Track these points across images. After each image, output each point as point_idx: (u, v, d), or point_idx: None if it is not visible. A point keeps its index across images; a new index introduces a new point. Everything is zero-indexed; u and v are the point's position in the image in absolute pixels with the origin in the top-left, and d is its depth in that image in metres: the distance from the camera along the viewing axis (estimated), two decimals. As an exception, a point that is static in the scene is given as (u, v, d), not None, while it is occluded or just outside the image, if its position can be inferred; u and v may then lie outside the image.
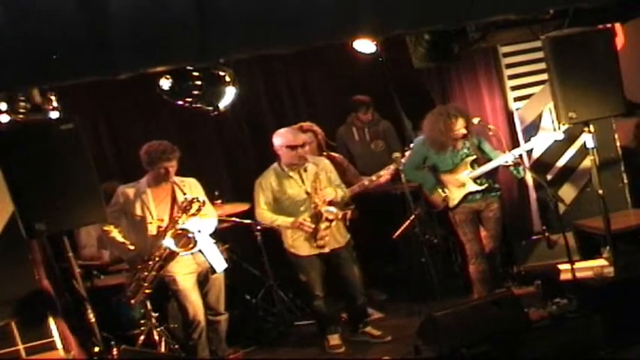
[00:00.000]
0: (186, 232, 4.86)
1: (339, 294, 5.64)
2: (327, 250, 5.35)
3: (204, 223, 5.02)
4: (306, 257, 5.36)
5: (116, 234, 4.95)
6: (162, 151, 4.89)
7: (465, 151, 5.46)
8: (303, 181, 5.32)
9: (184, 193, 4.92)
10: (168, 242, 4.82)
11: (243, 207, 5.86)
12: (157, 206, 4.98)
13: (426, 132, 5.49)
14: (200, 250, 4.99)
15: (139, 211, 4.96)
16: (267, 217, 5.37)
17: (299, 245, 5.35)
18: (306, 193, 5.30)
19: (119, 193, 5.02)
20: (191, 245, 4.88)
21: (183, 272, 5.01)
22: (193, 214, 4.87)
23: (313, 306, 5.49)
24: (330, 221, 5.27)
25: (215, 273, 5.11)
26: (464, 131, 5.35)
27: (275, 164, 5.39)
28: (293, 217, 5.29)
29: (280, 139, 5.29)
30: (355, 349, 5.42)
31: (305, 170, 5.34)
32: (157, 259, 4.84)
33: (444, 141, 5.39)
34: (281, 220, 5.33)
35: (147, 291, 4.87)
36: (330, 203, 5.31)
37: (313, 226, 5.24)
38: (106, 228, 4.93)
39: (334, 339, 5.47)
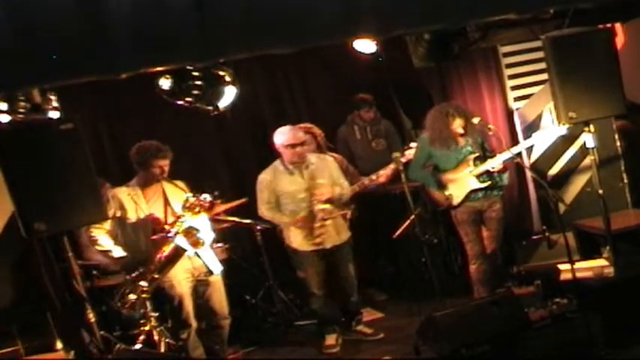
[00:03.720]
0: (195, 230, 4.79)
1: (334, 291, 5.60)
2: (328, 245, 5.35)
3: (200, 221, 4.90)
4: (304, 253, 5.37)
5: (103, 241, 4.77)
6: (156, 148, 4.83)
7: (469, 148, 5.47)
8: (304, 179, 5.34)
9: (186, 191, 4.88)
10: (179, 241, 4.71)
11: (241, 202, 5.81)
12: (150, 208, 4.90)
13: (427, 128, 5.53)
14: (196, 253, 4.91)
15: (133, 214, 4.86)
16: (266, 214, 5.44)
17: (298, 241, 5.37)
18: (305, 190, 5.32)
19: (111, 197, 4.89)
20: (201, 242, 4.81)
21: (181, 277, 4.92)
22: (198, 212, 4.77)
23: (310, 304, 5.52)
24: (325, 220, 5.29)
25: (212, 274, 5.03)
26: (461, 131, 5.36)
27: (277, 161, 5.40)
28: (295, 213, 5.31)
29: (280, 137, 5.31)
30: (355, 349, 5.41)
31: (307, 167, 5.36)
32: (157, 263, 4.71)
33: (443, 138, 5.40)
34: (278, 218, 5.41)
35: (144, 295, 4.72)
36: (328, 201, 5.33)
37: (308, 224, 5.27)
38: (93, 234, 4.75)
39: (330, 339, 5.48)
